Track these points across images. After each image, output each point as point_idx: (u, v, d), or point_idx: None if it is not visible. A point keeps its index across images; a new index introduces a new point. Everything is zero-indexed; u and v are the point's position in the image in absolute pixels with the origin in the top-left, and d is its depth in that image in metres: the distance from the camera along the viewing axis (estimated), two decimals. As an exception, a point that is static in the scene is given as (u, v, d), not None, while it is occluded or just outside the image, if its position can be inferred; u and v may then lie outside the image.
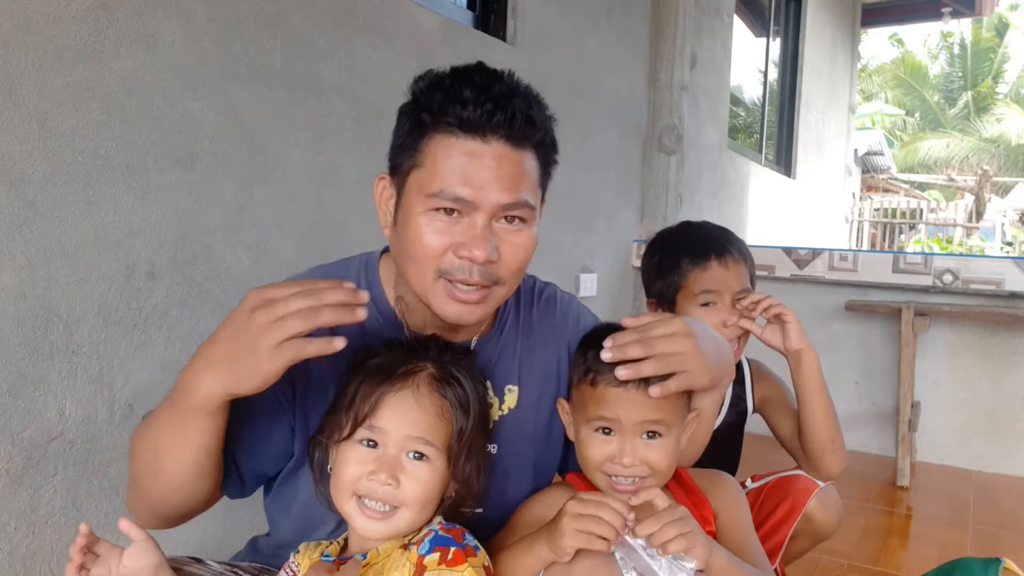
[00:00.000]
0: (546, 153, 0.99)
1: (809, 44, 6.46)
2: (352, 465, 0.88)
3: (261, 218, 1.64)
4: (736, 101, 5.47)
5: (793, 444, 1.43)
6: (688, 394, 1.10)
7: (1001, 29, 18.96)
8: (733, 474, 1.38)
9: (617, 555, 0.90)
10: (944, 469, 3.01)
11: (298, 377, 0.96)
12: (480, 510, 0.98)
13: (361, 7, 1.87)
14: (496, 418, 1.05)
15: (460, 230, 0.91)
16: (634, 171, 3.51)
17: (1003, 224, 13.44)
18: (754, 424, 1.55)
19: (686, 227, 1.54)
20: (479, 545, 0.89)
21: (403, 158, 0.94)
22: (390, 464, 0.87)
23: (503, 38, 2.54)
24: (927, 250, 9.42)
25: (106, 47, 1.31)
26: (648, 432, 1.05)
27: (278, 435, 0.97)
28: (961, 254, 7.29)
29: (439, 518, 0.92)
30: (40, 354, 1.25)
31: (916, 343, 2.87)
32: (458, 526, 0.91)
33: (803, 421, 1.37)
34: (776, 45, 6.18)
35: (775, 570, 1.41)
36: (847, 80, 8.14)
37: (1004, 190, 16.41)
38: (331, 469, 0.92)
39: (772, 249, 3.35)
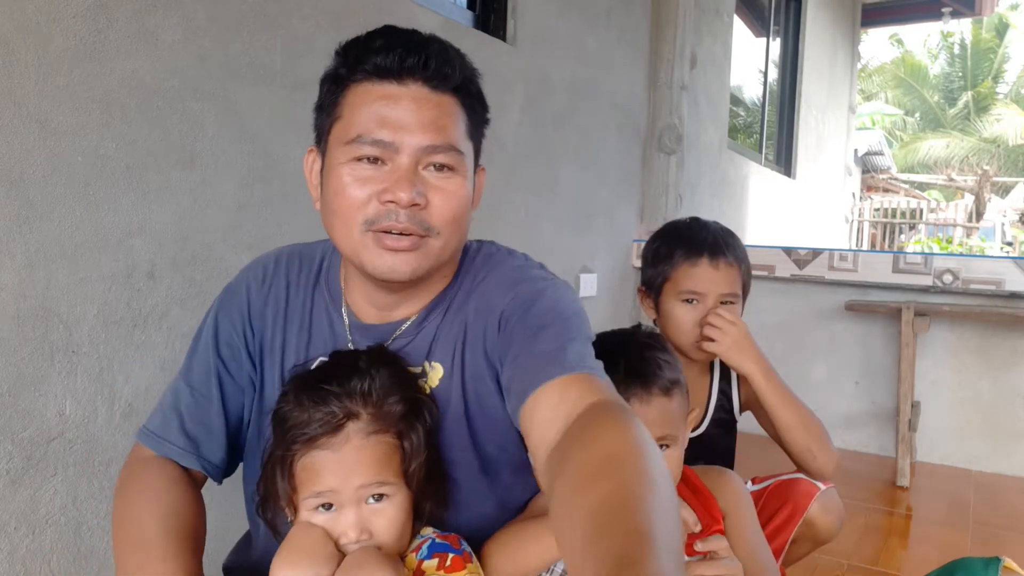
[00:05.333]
0: (471, 103, 0.93)
1: (809, 44, 6.46)
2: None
3: (261, 218, 1.63)
4: (736, 101, 5.47)
5: (782, 445, 1.44)
6: (684, 399, 1.10)
7: (1001, 29, 18.95)
8: (729, 476, 1.38)
9: None
10: (944, 469, 3.01)
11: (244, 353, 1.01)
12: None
13: (361, 7, 1.87)
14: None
15: (383, 176, 0.87)
16: (634, 171, 3.51)
17: (1003, 224, 13.43)
18: (754, 423, 1.55)
19: (693, 222, 1.54)
20: (472, 552, 0.89)
21: (323, 118, 0.92)
22: (353, 522, 0.84)
23: (503, 38, 2.54)
24: (927, 250, 9.42)
25: (106, 47, 1.31)
26: (661, 445, 1.05)
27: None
28: (961, 254, 7.28)
29: (431, 528, 0.90)
30: (40, 354, 1.25)
31: (916, 343, 2.87)
32: (453, 533, 0.90)
33: (777, 433, 1.38)
34: (776, 45, 6.18)
35: (775, 571, 1.41)
36: (847, 80, 8.14)
37: (1004, 190, 16.42)
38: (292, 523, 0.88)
39: (772, 249, 3.35)
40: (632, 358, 1.08)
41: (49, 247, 1.25)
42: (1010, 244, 12.67)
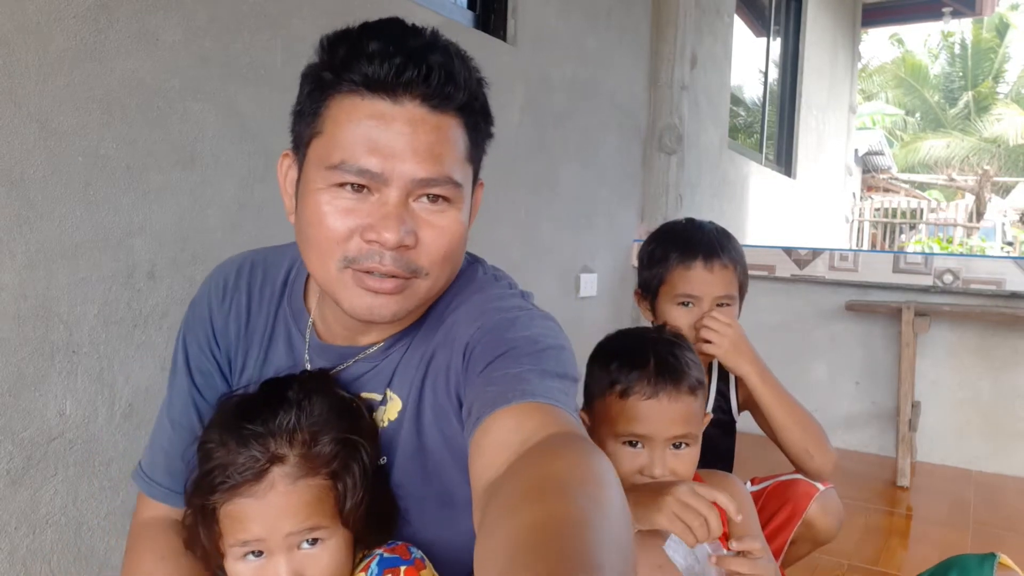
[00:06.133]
0: (475, 121, 0.81)
1: (809, 44, 6.46)
2: None
3: (261, 218, 1.63)
4: (736, 101, 5.46)
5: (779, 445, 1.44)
6: (704, 401, 1.11)
7: (1002, 29, 18.96)
8: (728, 476, 1.38)
9: (672, 539, 0.90)
10: (944, 469, 3.01)
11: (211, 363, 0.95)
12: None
13: (361, 7, 1.87)
14: (380, 427, 0.89)
15: (368, 209, 0.76)
16: (634, 171, 3.51)
17: (1003, 224, 13.44)
18: (752, 423, 1.55)
19: (688, 223, 1.55)
20: (424, 555, 0.85)
21: (303, 126, 0.80)
22: (285, 571, 0.78)
23: (503, 38, 2.54)
24: (927, 250, 9.42)
25: (107, 47, 1.31)
26: (675, 443, 1.06)
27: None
28: (961, 254, 7.28)
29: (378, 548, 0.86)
30: (40, 354, 1.25)
31: (916, 343, 2.87)
32: (400, 542, 0.86)
33: (774, 433, 1.38)
34: (776, 45, 6.18)
35: (775, 571, 1.41)
36: (847, 80, 8.14)
37: (1004, 190, 16.41)
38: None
39: (772, 249, 3.35)
40: (663, 354, 1.09)
41: (49, 247, 1.25)
42: (1011, 244, 12.67)
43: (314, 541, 0.80)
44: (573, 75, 2.91)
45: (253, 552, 0.79)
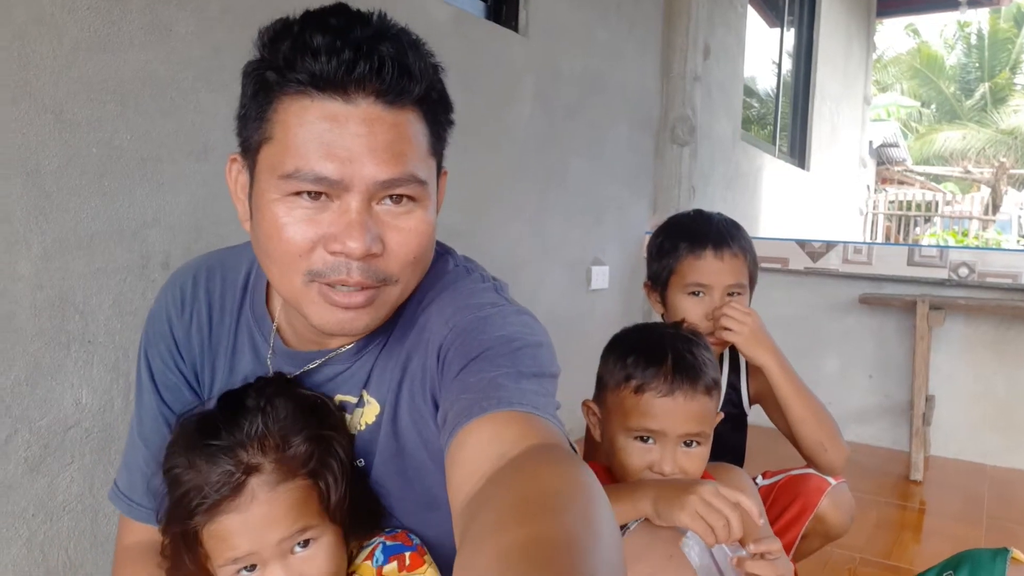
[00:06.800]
0: (434, 112, 0.76)
1: (824, 34, 6.40)
2: None
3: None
4: (750, 92, 5.42)
5: (792, 438, 1.44)
6: (718, 401, 1.11)
7: (1020, 19, 18.69)
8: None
9: (689, 537, 0.91)
10: (958, 463, 2.99)
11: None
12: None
13: (373, -2, 1.87)
14: (356, 430, 0.86)
15: (329, 218, 0.71)
16: (646, 162, 3.50)
17: (1020, 217, 13.29)
18: (763, 417, 1.55)
19: (696, 214, 1.54)
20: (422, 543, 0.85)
21: (251, 131, 0.75)
22: None
23: (515, 29, 2.53)
24: (942, 243, 9.34)
25: (120, 39, 1.32)
26: (687, 441, 1.06)
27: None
28: (977, 247, 7.22)
29: (378, 535, 0.85)
30: (57, 343, 1.27)
31: (931, 337, 2.85)
32: (398, 529, 0.85)
33: (789, 425, 1.38)
34: (791, 35, 6.13)
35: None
36: (862, 71, 8.06)
37: (1021, 183, 16.23)
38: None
39: (786, 242, 3.33)
40: (681, 352, 1.08)
41: (65, 238, 1.26)
42: (1027, 237, 12.54)
43: (306, 543, 0.78)
44: (584, 66, 2.89)
45: (246, 567, 0.77)
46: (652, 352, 1.09)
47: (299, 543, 0.78)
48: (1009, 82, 18.75)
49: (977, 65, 19.32)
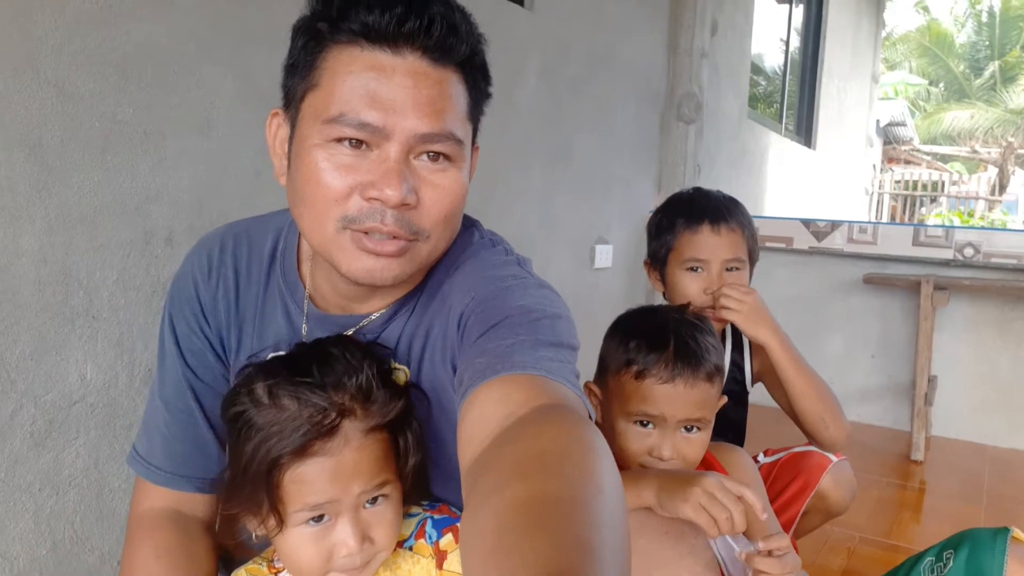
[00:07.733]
0: (475, 78, 0.78)
1: (833, 11, 6.32)
2: (308, 549, 0.74)
3: (278, 185, 1.63)
4: (757, 69, 5.37)
5: (794, 415, 1.44)
6: (720, 386, 1.11)
7: (1032, -4, 18.41)
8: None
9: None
10: (960, 444, 3.00)
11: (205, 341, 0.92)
12: None
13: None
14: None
15: (368, 166, 0.73)
16: (652, 140, 3.47)
17: (1027, 197, 13.20)
18: (765, 396, 1.55)
19: (695, 192, 1.55)
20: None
21: (296, 81, 0.77)
22: (352, 532, 0.74)
23: (520, 3, 2.50)
24: (948, 223, 9.29)
25: (122, 11, 1.30)
26: (687, 426, 1.06)
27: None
28: (983, 227, 7.18)
29: (417, 509, 0.84)
30: (61, 319, 1.27)
31: (935, 317, 2.84)
32: (439, 502, 0.84)
33: (790, 402, 1.38)
34: (799, 12, 6.05)
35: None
36: (871, 49, 7.96)
37: (1029, 163, 16.09)
38: (259, 537, 0.78)
39: (791, 221, 3.31)
40: (683, 338, 1.08)
41: (68, 212, 1.25)
42: (1033, 218, 12.47)
43: (374, 500, 0.76)
44: (591, 42, 2.86)
45: (316, 519, 0.74)
46: (654, 337, 1.08)
47: (370, 500, 0.76)
48: (1019, 60, 18.51)
49: (987, 43, 19.06)
